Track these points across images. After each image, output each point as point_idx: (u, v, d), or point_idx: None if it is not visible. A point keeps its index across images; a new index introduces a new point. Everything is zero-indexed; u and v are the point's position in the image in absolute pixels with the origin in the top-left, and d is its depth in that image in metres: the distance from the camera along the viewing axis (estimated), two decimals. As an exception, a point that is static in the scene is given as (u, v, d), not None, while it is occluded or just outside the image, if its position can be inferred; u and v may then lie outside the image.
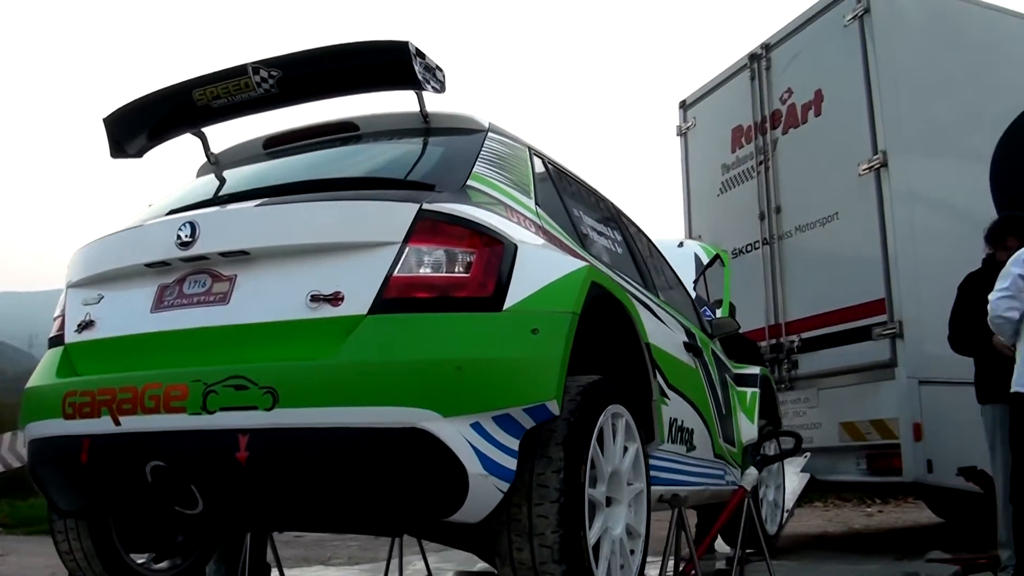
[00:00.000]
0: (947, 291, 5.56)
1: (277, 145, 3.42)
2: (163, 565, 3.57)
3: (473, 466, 2.33)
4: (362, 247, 2.52)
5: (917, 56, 6.47)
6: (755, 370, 5.42)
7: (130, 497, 2.74)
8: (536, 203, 3.10)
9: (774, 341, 7.01)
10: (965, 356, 5.06)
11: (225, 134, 3.53)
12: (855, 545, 7.12)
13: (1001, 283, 4.42)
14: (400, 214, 2.54)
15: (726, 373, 4.89)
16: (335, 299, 2.48)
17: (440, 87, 2.96)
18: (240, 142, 3.53)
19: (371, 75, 3.00)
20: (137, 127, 3.31)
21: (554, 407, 2.44)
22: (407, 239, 2.50)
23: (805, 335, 6.78)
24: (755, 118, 7.43)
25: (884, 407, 5.98)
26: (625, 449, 2.89)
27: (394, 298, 2.46)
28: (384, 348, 2.40)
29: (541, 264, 2.72)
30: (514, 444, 2.41)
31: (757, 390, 5.22)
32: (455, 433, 2.32)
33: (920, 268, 6.04)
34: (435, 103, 3.17)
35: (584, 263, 2.91)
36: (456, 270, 2.51)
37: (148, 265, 2.79)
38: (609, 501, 2.76)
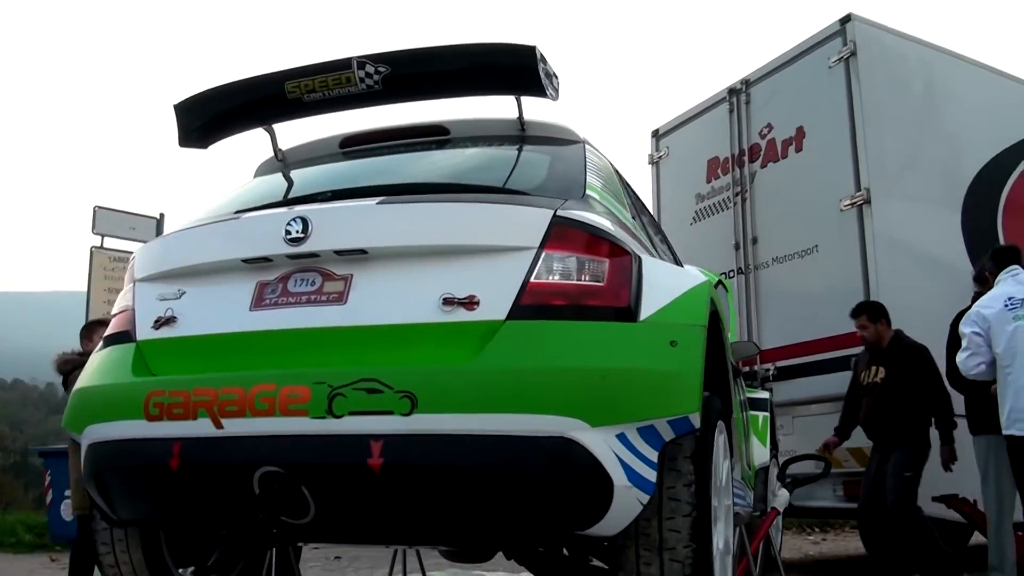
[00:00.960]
0: (922, 324, 5.86)
1: (355, 145, 3.32)
2: (203, 581, 3.39)
3: (619, 477, 2.29)
4: (495, 251, 2.46)
5: (900, 101, 6.76)
6: (765, 394, 5.53)
7: (229, 505, 2.57)
8: (632, 216, 3.09)
9: (748, 369, 7.11)
10: (962, 391, 5.28)
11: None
12: (821, 571, 7.27)
13: (963, 343, 4.75)
14: (536, 219, 2.49)
15: (744, 396, 4.96)
16: (470, 303, 2.41)
17: (557, 94, 2.93)
18: (309, 140, 3.41)
19: (488, 78, 2.95)
20: (210, 117, 3.17)
21: (696, 420, 2.42)
22: (543, 245, 2.45)
23: (780, 363, 6.92)
24: (733, 150, 7.59)
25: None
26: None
27: (531, 304, 2.41)
28: (528, 355, 2.34)
29: (664, 276, 2.71)
30: (654, 456, 2.38)
31: (768, 414, 5.31)
32: (602, 443, 2.28)
33: (898, 300, 6.25)
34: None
35: (706, 277, 2.92)
36: (588, 279, 2.47)
37: (246, 261, 2.65)
38: None
